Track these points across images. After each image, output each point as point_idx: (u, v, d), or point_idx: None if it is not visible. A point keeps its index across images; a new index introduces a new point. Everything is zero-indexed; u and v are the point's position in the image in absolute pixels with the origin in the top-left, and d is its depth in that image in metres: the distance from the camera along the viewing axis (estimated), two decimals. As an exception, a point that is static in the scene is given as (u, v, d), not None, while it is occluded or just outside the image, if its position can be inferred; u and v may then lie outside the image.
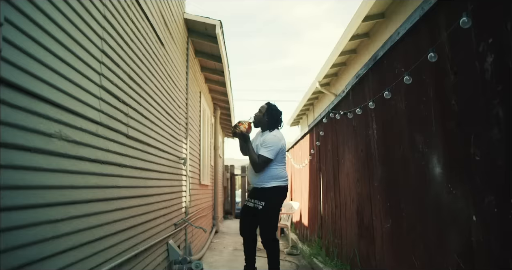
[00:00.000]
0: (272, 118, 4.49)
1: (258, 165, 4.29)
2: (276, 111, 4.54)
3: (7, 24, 1.66)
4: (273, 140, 4.32)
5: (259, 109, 4.57)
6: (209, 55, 7.65)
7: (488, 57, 1.96)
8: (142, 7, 3.77)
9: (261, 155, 4.26)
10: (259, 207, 4.33)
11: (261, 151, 4.27)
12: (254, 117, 4.55)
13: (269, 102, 4.59)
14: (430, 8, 2.43)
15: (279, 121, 4.54)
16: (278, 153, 4.33)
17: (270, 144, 4.28)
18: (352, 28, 6.79)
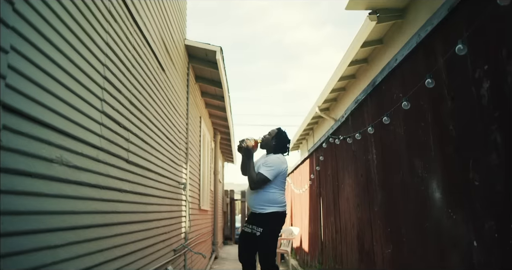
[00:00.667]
0: (279, 144, 4.49)
1: (255, 183, 4.26)
2: (284, 138, 4.55)
3: (13, 52, 1.70)
4: (276, 161, 4.32)
5: (268, 132, 4.59)
6: (209, 81, 7.73)
7: (484, 83, 1.99)
8: (144, 34, 3.84)
9: (260, 173, 4.24)
10: (257, 233, 4.29)
11: (261, 169, 4.26)
12: (262, 139, 4.55)
13: (280, 128, 4.61)
14: (427, 35, 2.48)
15: (286, 148, 4.54)
16: (278, 176, 4.32)
17: (271, 164, 4.27)
18: (351, 53, 6.88)
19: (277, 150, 4.46)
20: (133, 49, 3.52)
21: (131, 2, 3.45)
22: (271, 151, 4.49)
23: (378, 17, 5.78)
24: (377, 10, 5.81)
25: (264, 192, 4.31)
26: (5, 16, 1.62)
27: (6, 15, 1.63)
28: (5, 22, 1.62)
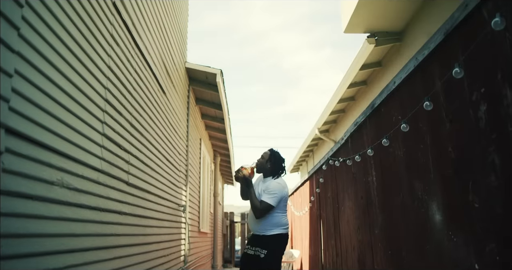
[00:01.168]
0: (274, 165, 4.47)
1: (260, 211, 4.25)
2: (279, 159, 4.52)
3: (17, 76, 1.73)
4: (277, 187, 4.29)
5: (261, 155, 4.57)
6: (209, 103, 7.79)
7: (481, 106, 2.01)
8: (145, 57, 3.89)
9: (263, 201, 4.22)
10: (260, 255, 4.26)
11: (264, 197, 4.24)
12: (256, 164, 4.53)
13: (272, 149, 4.59)
14: (424, 59, 2.52)
15: (282, 169, 4.51)
16: (281, 201, 4.31)
17: (273, 191, 4.25)
18: (350, 76, 6.95)
19: (274, 172, 4.44)
20: (135, 72, 3.56)
21: (133, 26, 3.51)
22: (268, 174, 4.45)
23: (376, 40, 5.87)
24: (375, 33, 5.90)
25: (268, 215, 4.29)
26: (10, 41, 1.65)
27: (11, 40, 1.66)
28: (10, 47, 1.66)
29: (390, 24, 5.79)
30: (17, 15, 1.71)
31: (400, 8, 5.34)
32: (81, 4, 2.40)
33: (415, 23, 5.48)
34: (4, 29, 1.62)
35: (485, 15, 1.93)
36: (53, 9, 2.05)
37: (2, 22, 1.60)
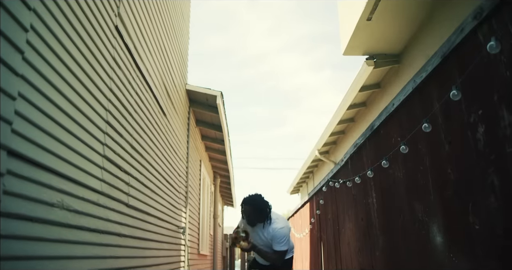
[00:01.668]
0: (261, 210, 4.22)
1: (278, 259, 4.17)
2: (260, 202, 4.22)
3: (20, 98, 1.75)
4: (283, 232, 4.12)
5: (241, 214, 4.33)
6: (209, 125, 7.82)
7: (479, 127, 2.03)
8: (146, 79, 3.93)
9: (278, 251, 4.12)
10: None
11: (277, 247, 4.12)
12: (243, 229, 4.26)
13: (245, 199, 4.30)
14: (422, 81, 2.55)
15: (268, 206, 4.26)
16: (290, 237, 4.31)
17: (282, 237, 4.11)
18: (350, 97, 7.00)
19: (264, 215, 4.19)
20: (136, 94, 3.59)
21: (135, 49, 3.56)
22: (262, 220, 4.23)
23: (375, 62, 5.93)
24: (374, 55, 5.97)
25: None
26: (14, 65, 1.68)
27: (15, 63, 1.69)
28: (14, 70, 1.68)
29: (388, 47, 5.86)
30: (22, 39, 1.74)
31: (398, 31, 5.42)
32: (84, 28, 2.45)
33: (413, 45, 5.55)
34: (9, 53, 1.65)
35: (480, 38, 1.97)
36: (57, 33, 2.09)
37: (7, 46, 1.63)
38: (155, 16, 4.43)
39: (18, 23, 1.71)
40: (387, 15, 5.07)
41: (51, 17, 2.03)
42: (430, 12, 4.94)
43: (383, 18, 5.14)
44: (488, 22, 1.90)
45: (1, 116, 1.59)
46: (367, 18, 5.19)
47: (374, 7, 4.93)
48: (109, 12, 2.92)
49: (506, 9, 1.79)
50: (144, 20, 3.95)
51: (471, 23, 1.99)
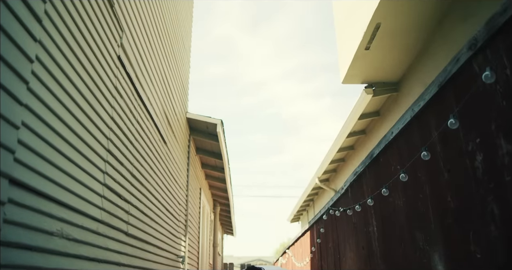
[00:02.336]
0: None
1: None
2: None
3: (23, 128, 1.77)
4: None
5: None
6: (209, 153, 7.83)
7: (477, 155, 2.04)
8: (147, 108, 3.97)
9: None
10: None
11: None
12: None
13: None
14: (420, 110, 2.58)
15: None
16: None
17: None
18: (349, 125, 7.03)
19: None
20: (137, 123, 3.62)
21: (136, 78, 3.61)
22: None
23: (374, 90, 5.99)
24: (372, 83, 6.04)
25: None
26: (19, 94, 1.71)
27: (20, 93, 1.72)
28: (19, 100, 1.71)
29: (387, 75, 5.93)
30: (27, 69, 1.78)
31: (396, 59, 5.50)
32: (87, 59, 2.50)
33: (411, 74, 5.62)
34: (14, 83, 1.68)
35: (476, 68, 2.00)
36: (61, 64, 2.13)
37: (13, 76, 1.67)
38: (157, 47, 4.50)
39: (23, 54, 1.75)
40: (385, 44, 5.16)
41: (56, 49, 2.08)
42: (426, 42, 5.03)
43: (381, 47, 5.23)
44: (483, 53, 1.94)
45: (4, 145, 1.61)
46: (365, 47, 5.28)
47: (372, 36, 5.02)
48: (112, 42, 2.98)
49: (500, 39, 1.83)
50: (146, 51, 4.02)
51: (466, 53, 2.04)
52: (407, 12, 4.50)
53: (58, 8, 2.11)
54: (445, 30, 4.56)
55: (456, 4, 4.23)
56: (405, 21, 4.67)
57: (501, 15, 1.75)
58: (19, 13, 1.71)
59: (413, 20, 4.64)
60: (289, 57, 44.71)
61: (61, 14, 2.15)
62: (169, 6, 5.33)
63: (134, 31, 3.60)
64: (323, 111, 47.73)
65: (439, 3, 4.29)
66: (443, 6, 4.33)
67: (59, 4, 2.12)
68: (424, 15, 4.52)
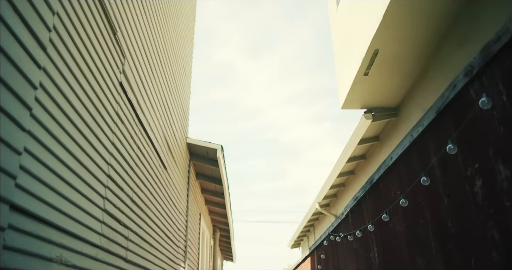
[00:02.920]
0: None
1: None
2: None
3: (26, 153, 1.79)
4: None
5: None
6: (209, 178, 7.82)
7: (477, 181, 2.05)
8: (148, 134, 3.99)
9: None
10: None
11: None
12: None
13: None
14: (418, 135, 2.60)
15: None
16: None
17: None
18: (349, 150, 7.04)
19: None
20: (137, 148, 3.64)
21: (138, 104, 3.64)
22: None
23: (373, 115, 6.03)
24: (372, 108, 6.08)
25: None
26: (22, 121, 1.73)
27: (23, 119, 1.74)
28: (22, 126, 1.73)
29: (386, 100, 5.98)
30: (31, 96, 1.81)
31: (395, 85, 5.56)
32: (90, 85, 2.53)
33: (410, 99, 5.67)
34: (17, 110, 1.70)
35: (472, 94, 2.03)
36: (64, 90, 2.16)
37: (16, 103, 1.69)
38: (158, 72, 4.56)
39: (27, 81, 1.78)
40: (383, 70, 5.22)
41: (60, 75, 2.12)
42: (424, 67, 5.09)
43: (379, 73, 5.29)
44: (479, 79, 1.98)
45: (6, 170, 1.63)
46: (364, 73, 5.34)
47: (371, 62, 5.09)
48: (114, 69, 3.02)
49: (495, 66, 1.86)
50: (148, 76, 4.07)
51: (462, 80, 2.07)
52: (405, 39, 4.58)
53: (62, 36, 2.15)
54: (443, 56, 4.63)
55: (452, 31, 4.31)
56: (403, 47, 4.74)
57: (495, 43, 1.79)
58: (24, 41, 1.75)
59: (411, 46, 4.71)
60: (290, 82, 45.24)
61: (65, 42, 2.19)
62: (170, 32, 5.42)
63: (135, 57, 3.65)
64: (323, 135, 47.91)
65: (436, 30, 4.37)
66: (440, 32, 4.41)
67: (63, 32, 2.17)
68: (421, 41, 4.59)
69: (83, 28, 2.44)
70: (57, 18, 2.10)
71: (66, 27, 2.20)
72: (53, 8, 2.00)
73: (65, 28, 2.19)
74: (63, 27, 2.17)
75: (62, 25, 2.15)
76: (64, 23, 2.18)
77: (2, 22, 1.60)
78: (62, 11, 2.15)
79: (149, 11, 4.19)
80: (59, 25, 2.12)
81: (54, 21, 2.05)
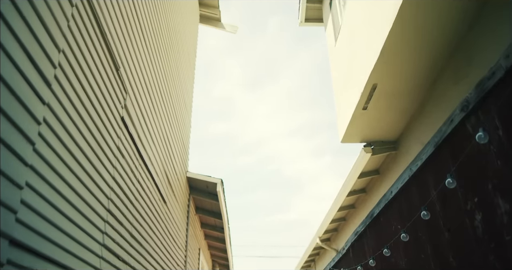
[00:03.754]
0: None
1: None
2: None
3: (27, 188, 1.80)
4: None
5: None
6: (209, 212, 7.77)
7: (476, 215, 2.06)
8: (148, 168, 4.00)
9: None
10: None
11: None
12: None
13: None
14: (418, 169, 2.61)
15: None
16: None
17: None
18: (349, 184, 7.02)
19: None
20: (137, 182, 3.64)
21: (139, 138, 3.67)
22: None
23: (372, 149, 6.05)
24: (371, 142, 6.11)
25: None
26: (24, 155, 1.75)
27: (25, 154, 1.77)
28: (24, 161, 1.75)
29: (385, 134, 6.01)
30: (34, 131, 1.84)
31: (394, 119, 5.60)
32: (92, 120, 2.57)
33: (409, 133, 5.70)
34: (21, 145, 1.73)
35: (469, 129, 2.06)
36: (67, 126, 2.19)
37: (20, 138, 1.72)
38: (159, 107, 4.62)
39: (32, 116, 1.81)
40: (382, 104, 5.27)
41: (63, 111, 2.15)
42: (422, 101, 5.15)
43: (378, 107, 5.35)
44: (475, 114, 2.01)
45: (7, 205, 1.63)
46: (363, 107, 5.40)
47: (369, 97, 5.15)
48: (116, 104, 3.07)
49: (490, 101, 1.90)
50: (149, 111, 4.12)
51: (459, 115, 2.10)
52: (402, 74, 4.65)
53: (67, 72, 2.20)
54: (440, 90, 4.69)
55: (448, 66, 4.39)
56: (400, 82, 4.81)
57: (490, 78, 1.84)
58: (30, 77, 1.79)
59: (408, 81, 4.78)
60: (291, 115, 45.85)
61: (70, 78, 2.24)
62: (172, 67, 5.52)
63: (137, 92, 3.71)
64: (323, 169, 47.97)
65: (433, 65, 4.45)
66: (437, 68, 4.49)
67: (68, 69, 2.22)
68: (418, 76, 4.67)
69: (87, 65, 2.50)
70: (63, 55, 2.15)
71: (71, 63, 2.25)
72: (59, 45, 2.06)
73: (69, 65, 2.24)
74: (68, 64, 2.23)
75: (67, 62, 2.21)
76: (69, 60, 2.24)
77: (9, 59, 1.65)
78: (67, 48, 2.21)
79: (151, 47, 4.29)
80: (64, 62, 2.18)
81: (59, 58, 2.10)
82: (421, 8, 3.57)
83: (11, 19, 1.65)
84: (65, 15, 2.13)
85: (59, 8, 2.05)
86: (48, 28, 1.95)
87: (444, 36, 3.96)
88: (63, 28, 2.10)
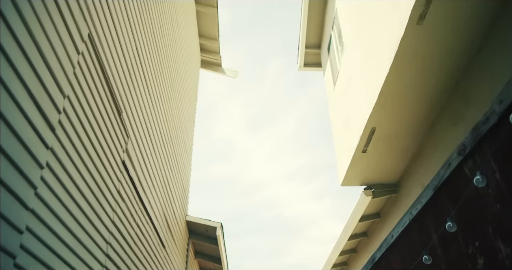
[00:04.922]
0: None
1: None
2: None
3: (27, 232, 1.80)
4: None
5: None
6: (208, 256, 7.64)
7: (478, 259, 2.04)
8: (148, 212, 3.99)
9: None
10: None
11: None
12: None
13: None
14: (418, 213, 2.61)
15: None
16: None
17: None
18: (350, 228, 6.94)
19: None
20: (137, 226, 3.62)
21: (139, 182, 3.68)
22: None
23: (373, 192, 6.03)
24: (371, 185, 6.10)
25: None
26: (26, 199, 1.77)
27: (27, 198, 1.78)
28: (26, 205, 1.76)
29: (385, 177, 6.01)
30: (37, 175, 1.86)
31: (393, 162, 5.62)
32: (94, 164, 2.59)
33: (409, 175, 5.71)
34: (23, 189, 1.74)
35: (467, 173, 2.08)
36: (69, 170, 2.22)
37: (22, 182, 1.74)
38: (160, 151, 4.65)
39: (35, 161, 1.84)
40: (381, 147, 5.31)
41: (66, 156, 2.18)
42: (421, 144, 5.19)
43: (377, 150, 5.38)
44: (472, 158, 2.04)
45: (6, 250, 1.63)
46: (362, 150, 5.42)
47: (368, 140, 5.20)
48: (117, 148, 3.10)
49: (486, 146, 1.93)
50: (150, 155, 4.15)
51: (456, 158, 2.13)
52: (400, 117, 4.71)
53: (71, 117, 2.25)
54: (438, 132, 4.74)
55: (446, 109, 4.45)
56: (398, 125, 4.87)
57: (484, 123, 1.88)
58: (34, 122, 1.83)
59: (406, 124, 4.84)
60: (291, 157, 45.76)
61: (73, 123, 2.28)
62: (173, 112, 5.60)
63: (139, 137, 3.75)
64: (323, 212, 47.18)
65: (430, 109, 4.52)
66: (434, 111, 4.56)
67: (72, 114, 2.27)
68: (417, 118, 4.72)
69: (90, 110, 2.55)
70: (67, 101, 2.21)
71: (75, 109, 2.30)
72: (64, 91, 2.12)
73: (74, 110, 2.29)
74: (72, 109, 2.28)
75: (71, 107, 2.26)
76: (73, 105, 2.29)
77: (16, 104, 1.69)
78: (72, 94, 2.27)
79: (153, 91, 4.37)
80: (69, 107, 2.23)
81: (64, 104, 2.15)
82: (418, 53, 3.68)
83: (20, 66, 1.71)
84: (71, 62, 2.20)
85: (66, 56, 2.13)
86: (55, 75, 2.01)
87: (441, 79, 4.05)
88: (69, 74, 2.17)
